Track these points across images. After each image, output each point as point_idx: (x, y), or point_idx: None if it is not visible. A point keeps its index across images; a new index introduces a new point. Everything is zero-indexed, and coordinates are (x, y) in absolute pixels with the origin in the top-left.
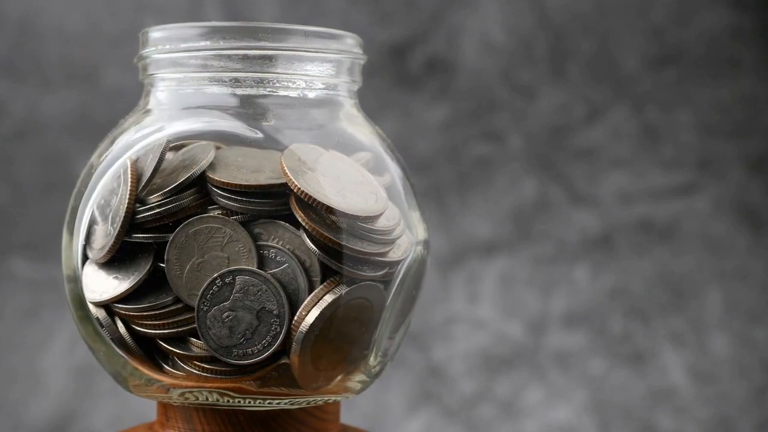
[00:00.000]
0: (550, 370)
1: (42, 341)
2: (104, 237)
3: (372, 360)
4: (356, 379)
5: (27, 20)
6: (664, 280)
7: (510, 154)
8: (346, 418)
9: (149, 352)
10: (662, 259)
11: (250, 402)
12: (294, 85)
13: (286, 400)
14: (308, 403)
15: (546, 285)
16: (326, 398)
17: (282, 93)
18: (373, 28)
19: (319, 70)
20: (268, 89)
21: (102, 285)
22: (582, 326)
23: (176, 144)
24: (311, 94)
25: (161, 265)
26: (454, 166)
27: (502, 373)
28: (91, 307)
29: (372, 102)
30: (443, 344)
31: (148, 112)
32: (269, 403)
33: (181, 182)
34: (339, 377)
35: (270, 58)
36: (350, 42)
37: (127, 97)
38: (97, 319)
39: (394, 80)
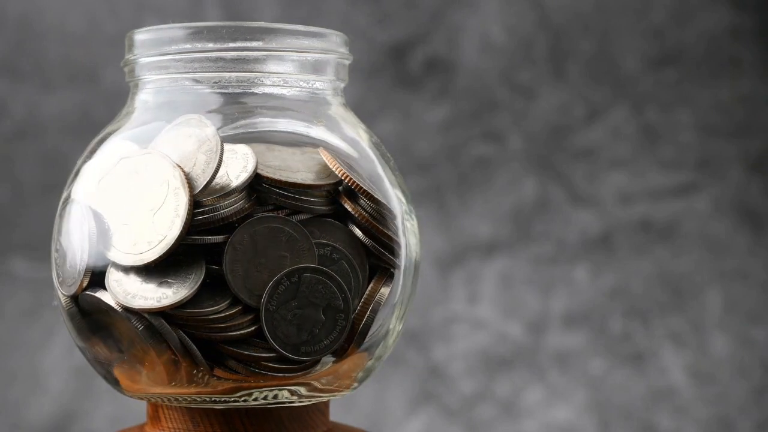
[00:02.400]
0: (550, 370)
1: (42, 341)
2: (150, 240)
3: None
4: (365, 374)
5: (27, 20)
6: (664, 280)
7: (510, 154)
8: (346, 418)
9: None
10: (662, 259)
11: (246, 399)
12: (279, 84)
13: (293, 398)
14: (309, 400)
15: (546, 285)
16: (333, 394)
17: (267, 92)
18: (373, 28)
19: (303, 68)
20: (254, 88)
21: (152, 291)
22: (582, 326)
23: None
24: (296, 93)
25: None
26: (454, 166)
27: (502, 373)
28: (140, 315)
29: (372, 102)
30: (443, 344)
31: (134, 113)
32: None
33: (243, 183)
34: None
35: (254, 57)
36: (335, 40)
37: (127, 97)
38: (150, 325)
39: (394, 80)
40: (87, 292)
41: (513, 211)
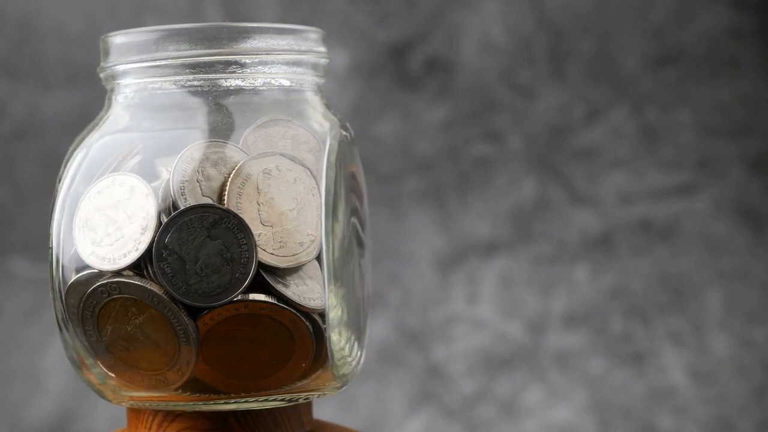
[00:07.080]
0: (550, 370)
1: (42, 341)
2: (300, 242)
3: None
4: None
5: (27, 20)
6: (664, 280)
7: (510, 154)
8: (345, 417)
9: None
10: (662, 259)
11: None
12: (259, 84)
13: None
14: (301, 399)
15: (546, 285)
16: (321, 392)
17: (245, 92)
18: (373, 28)
19: (280, 67)
20: (230, 89)
21: (309, 291)
22: (582, 326)
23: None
24: (275, 92)
25: None
26: (454, 166)
27: (502, 373)
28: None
29: (372, 102)
30: (443, 344)
31: (110, 118)
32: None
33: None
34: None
35: (228, 60)
36: (312, 37)
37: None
38: (317, 325)
39: (394, 80)
40: (256, 298)
41: (513, 211)
